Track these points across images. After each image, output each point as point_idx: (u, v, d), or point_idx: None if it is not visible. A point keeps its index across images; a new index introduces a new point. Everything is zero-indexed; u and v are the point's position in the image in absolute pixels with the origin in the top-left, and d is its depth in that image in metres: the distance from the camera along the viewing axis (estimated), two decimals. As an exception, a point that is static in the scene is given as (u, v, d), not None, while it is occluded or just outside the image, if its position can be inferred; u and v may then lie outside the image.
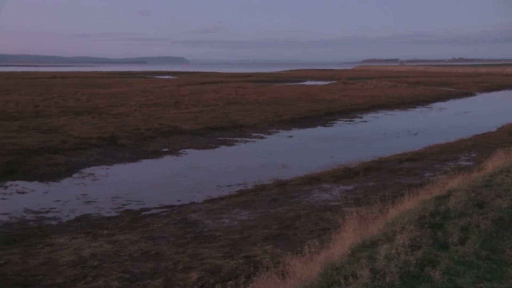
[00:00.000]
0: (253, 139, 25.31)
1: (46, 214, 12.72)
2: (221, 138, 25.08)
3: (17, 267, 8.40)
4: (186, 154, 21.45)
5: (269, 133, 27.12)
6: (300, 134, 27.56)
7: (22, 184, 15.88)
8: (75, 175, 17.26)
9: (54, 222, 12.08)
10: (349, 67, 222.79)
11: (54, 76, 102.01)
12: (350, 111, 36.98)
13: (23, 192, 15.01)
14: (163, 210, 13.02)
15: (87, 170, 18.00)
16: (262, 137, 25.96)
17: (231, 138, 25.17)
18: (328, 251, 6.89)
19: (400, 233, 7.18)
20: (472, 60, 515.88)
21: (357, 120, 33.53)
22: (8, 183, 15.90)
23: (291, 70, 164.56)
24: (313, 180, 15.54)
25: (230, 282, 6.73)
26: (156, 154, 21.10)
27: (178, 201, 13.96)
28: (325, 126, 30.71)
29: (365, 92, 53.33)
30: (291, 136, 26.57)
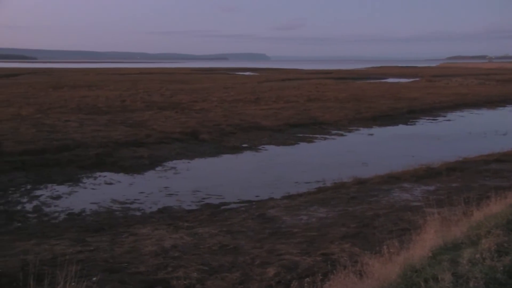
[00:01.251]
0: (332, 136, 25.11)
1: (131, 205, 13.25)
2: (301, 135, 25.06)
3: (105, 254, 8.81)
4: (265, 150, 21.62)
5: (349, 131, 26.80)
6: (380, 132, 27.04)
7: (109, 175, 16.62)
8: (158, 168, 17.84)
9: (138, 213, 12.58)
10: (433, 64, 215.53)
11: (140, 72, 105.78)
12: (433, 110, 35.83)
13: (110, 183, 15.72)
14: (242, 205, 13.20)
15: (170, 163, 18.55)
16: (341, 135, 25.70)
17: (310, 135, 25.10)
18: (408, 252, 6.73)
19: (486, 237, 6.88)
20: None
21: (440, 118, 32.42)
22: (97, 174, 16.70)
23: (372, 67, 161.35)
24: (393, 179, 15.21)
25: (307, 279, 6.70)
26: (236, 149, 21.41)
27: (257, 196, 14.11)
28: (406, 124, 29.94)
29: (450, 90, 51.48)
30: (371, 134, 26.12)
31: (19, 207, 12.92)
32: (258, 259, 8.50)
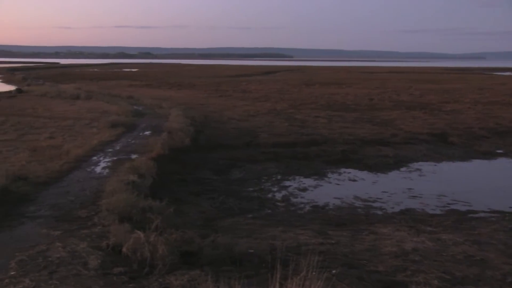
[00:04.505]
0: None
1: (373, 203, 13.28)
2: None
3: (345, 249, 8.98)
4: (523, 158, 19.67)
5: None
6: None
7: (353, 172, 16.89)
8: (403, 168, 17.52)
9: (379, 212, 12.54)
10: None
11: (390, 71, 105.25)
12: None
13: (354, 180, 15.96)
14: (492, 215, 12.22)
15: (415, 165, 18.07)
16: None
17: None
18: None
19: None
20: None
21: None
22: (342, 170, 17.12)
23: None
24: None
25: None
26: (489, 155, 19.89)
27: (510, 207, 12.92)
28: None
29: None
30: None
31: (270, 195, 13.94)
32: (510, 277, 7.77)
